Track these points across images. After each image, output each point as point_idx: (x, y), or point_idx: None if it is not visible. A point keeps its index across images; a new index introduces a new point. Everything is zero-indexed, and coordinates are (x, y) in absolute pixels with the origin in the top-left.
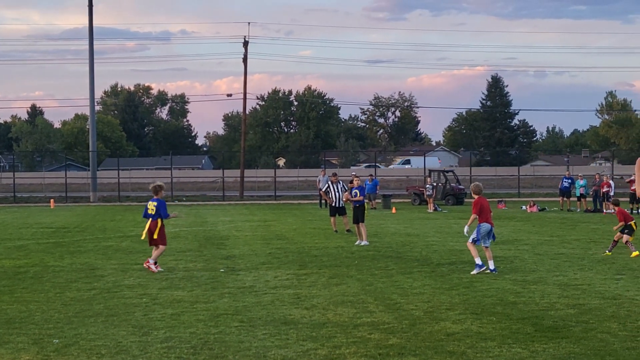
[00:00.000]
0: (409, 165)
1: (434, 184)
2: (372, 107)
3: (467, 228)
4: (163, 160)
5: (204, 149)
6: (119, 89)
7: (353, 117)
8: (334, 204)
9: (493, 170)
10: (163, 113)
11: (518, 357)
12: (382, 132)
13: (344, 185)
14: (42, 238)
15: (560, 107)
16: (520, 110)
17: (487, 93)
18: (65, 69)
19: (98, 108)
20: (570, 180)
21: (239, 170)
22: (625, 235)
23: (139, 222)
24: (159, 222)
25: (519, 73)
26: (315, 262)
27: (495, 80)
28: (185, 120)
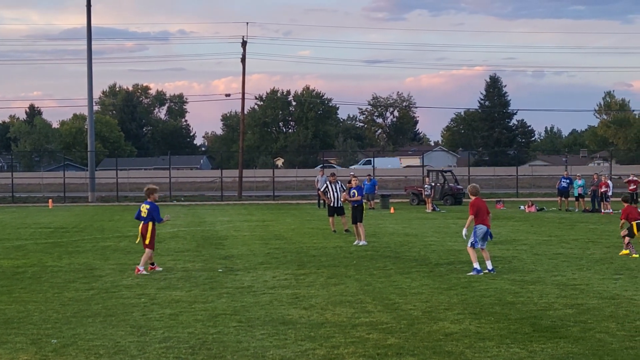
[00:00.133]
0: (370, 166)
1: (433, 184)
2: (370, 107)
3: (465, 231)
4: (161, 161)
5: (203, 149)
6: (118, 89)
7: (351, 117)
8: (333, 204)
9: (491, 170)
10: (161, 113)
11: (516, 357)
12: (380, 132)
13: (343, 185)
14: (40, 238)
15: (559, 107)
16: (519, 110)
17: (485, 93)
18: (64, 69)
19: (96, 108)
20: (569, 180)
21: (238, 170)
22: (628, 236)
23: (137, 222)
24: (150, 225)
25: (518, 73)
26: (314, 262)
27: (494, 80)
28: (184, 120)
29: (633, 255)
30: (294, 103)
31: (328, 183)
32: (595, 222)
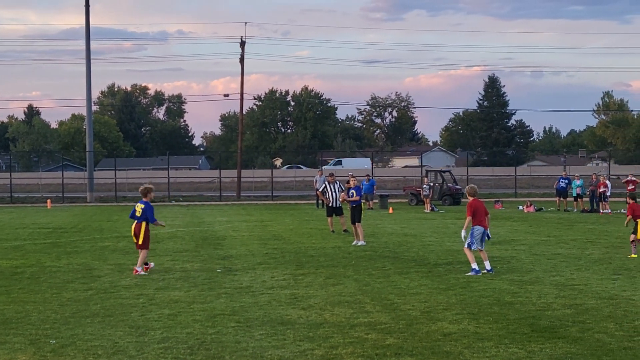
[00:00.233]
0: (341, 167)
1: (431, 184)
2: (369, 107)
3: (464, 232)
4: (160, 161)
5: (201, 149)
6: (116, 89)
7: (350, 117)
8: (331, 204)
9: (490, 171)
10: (160, 113)
11: (515, 357)
12: (379, 132)
13: (341, 186)
14: (38, 238)
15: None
16: (517, 111)
17: (484, 93)
18: (62, 69)
19: (95, 108)
20: (567, 181)
21: (236, 171)
22: (633, 234)
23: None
24: (144, 225)
25: (516, 73)
26: (312, 262)
27: (492, 81)
28: (182, 121)
29: (631, 255)
30: (293, 103)
31: (326, 183)
32: (594, 222)
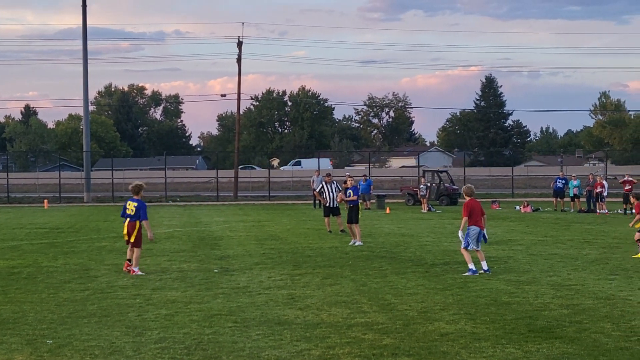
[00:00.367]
0: (300, 167)
1: (428, 184)
2: (366, 107)
3: (461, 233)
4: (157, 161)
5: (198, 149)
6: (113, 89)
7: (347, 117)
8: (328, 205)
9: (487, 171)
10: (157, 113)
11: (512, 357)
12: (376, 132)
13: (338, 186)
14: (35, 238)
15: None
16: (514, 111)
17: (481, 93)
18: (60, 69)
19: (92, 108)
20: (564, 181)
21: (233, 171)
22: (638, 233)
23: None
24: (137, 223)
25: (513, 73)
26: (309, 262)
27: (489, 81)
28: (179, 121)
29: (637, 255)
30: (290, 103)
31: (324, 183)
32: (591, 222)
